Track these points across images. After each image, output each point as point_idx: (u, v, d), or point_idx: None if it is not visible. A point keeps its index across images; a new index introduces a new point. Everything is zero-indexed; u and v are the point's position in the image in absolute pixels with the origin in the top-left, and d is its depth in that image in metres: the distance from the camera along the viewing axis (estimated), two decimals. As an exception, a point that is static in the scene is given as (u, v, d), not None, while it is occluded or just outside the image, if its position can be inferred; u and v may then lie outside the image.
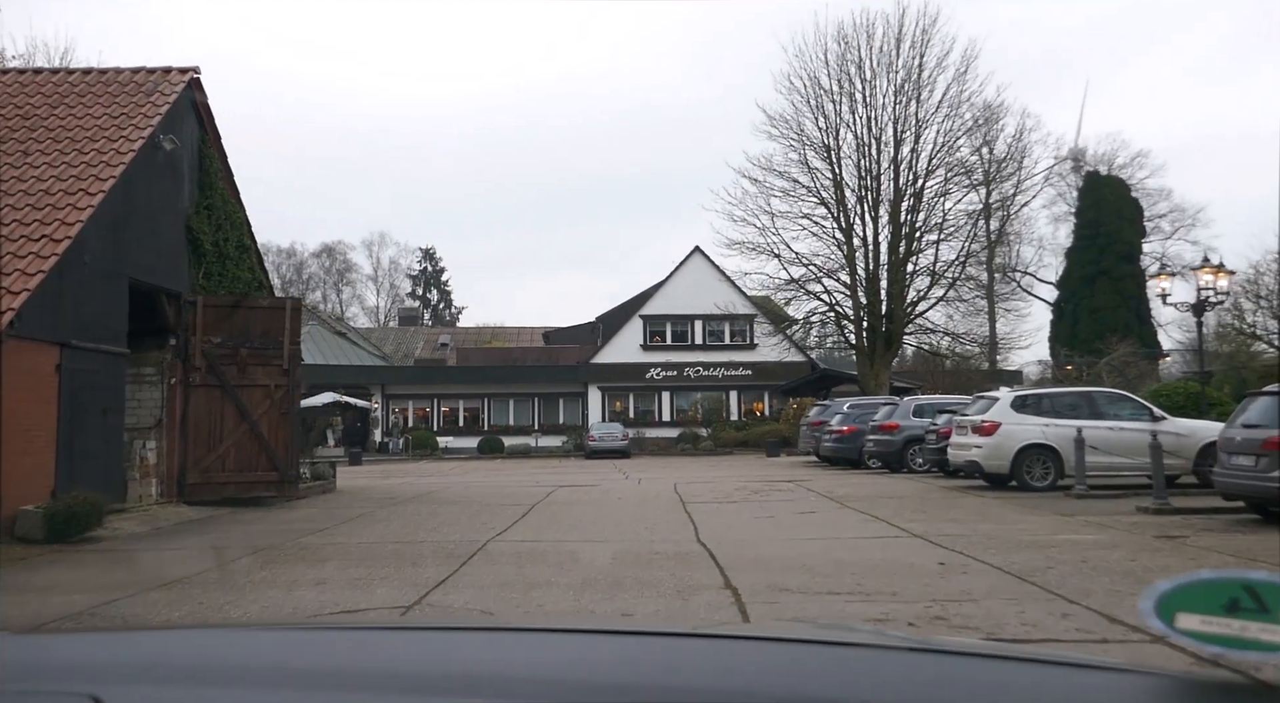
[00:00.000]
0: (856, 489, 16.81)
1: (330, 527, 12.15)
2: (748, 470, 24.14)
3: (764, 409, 44.46)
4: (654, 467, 28.15)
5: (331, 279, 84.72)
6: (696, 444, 39.47)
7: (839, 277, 33.59)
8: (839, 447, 23.42)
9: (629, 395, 43.98)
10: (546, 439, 41.93)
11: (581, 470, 26.90)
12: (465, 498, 16.78)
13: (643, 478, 21.67)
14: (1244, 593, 1.03)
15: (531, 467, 30.20)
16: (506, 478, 23.28)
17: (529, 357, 46.52)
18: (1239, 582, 1.04)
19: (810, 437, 25.79)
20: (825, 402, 27.72)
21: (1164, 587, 1.07)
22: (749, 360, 43.80)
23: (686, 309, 43.93)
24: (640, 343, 44.13)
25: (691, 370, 43.60)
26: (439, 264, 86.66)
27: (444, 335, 56.45)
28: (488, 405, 43.91)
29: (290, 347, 15.59)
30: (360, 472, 28.46)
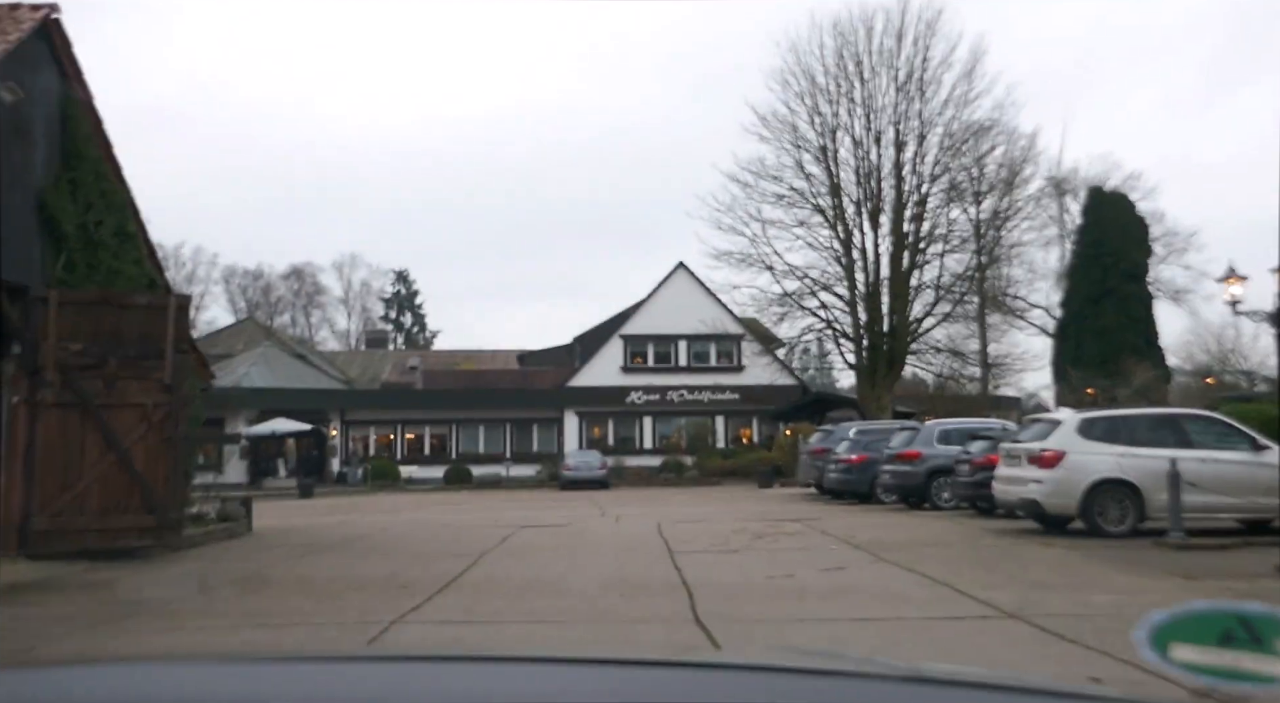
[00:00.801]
0: (882, 532, 13.60)
1: (184, 598, 8.78)
2: (742, 505, 20.88)
3: (752, 436, 41.28)
4: (635, 500, 24.87)
5: (300, 302, 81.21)
6: (681, 474, 36.18)
7: (836, 290, 30.62)
8: (847, 478, 20.23)
9: (608, 421, 40.68)
10: (519, 468, 38.50)
11: (553, 505, 23.57)
12: (401, 546, 13.44)
13: (622, 515, 18.38)
14: (1238, 625, 1.02)
15: (499, 500, 26.81)
16: (465, 515, 19.91)
17: (501, 380, 43.18)
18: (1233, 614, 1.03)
19: (811, 466, 22.59)
20: (828, 427, 24.55)
21: (1158, 618, 1.07)
22: (736, 383, 40.65)
23: (670, 329, 40.79)
24: (620, 365, 40.93)
25: (675, 394, 40.40)
26: (413, 287, 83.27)
27: (413, 358, 53.02)
28: (456, 432, 40.46)
29: (175, 356, 12.25)
30: (303, 507, 24.98)
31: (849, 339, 30.66)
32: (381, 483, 36.01)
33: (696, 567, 10.10)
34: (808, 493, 24.77)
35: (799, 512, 18.24)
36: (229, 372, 38.57)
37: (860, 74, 29.66)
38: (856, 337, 30.02)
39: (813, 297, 30.83)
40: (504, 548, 12.39)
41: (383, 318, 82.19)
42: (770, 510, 19.01)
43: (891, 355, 29.88)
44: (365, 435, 40.28)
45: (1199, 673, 1.04)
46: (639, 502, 23.78)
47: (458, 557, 11.42)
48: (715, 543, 12.61)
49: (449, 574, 9.81)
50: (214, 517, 15.04)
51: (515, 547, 12.58)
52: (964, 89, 28.97)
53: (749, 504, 21.42)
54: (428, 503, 25.60)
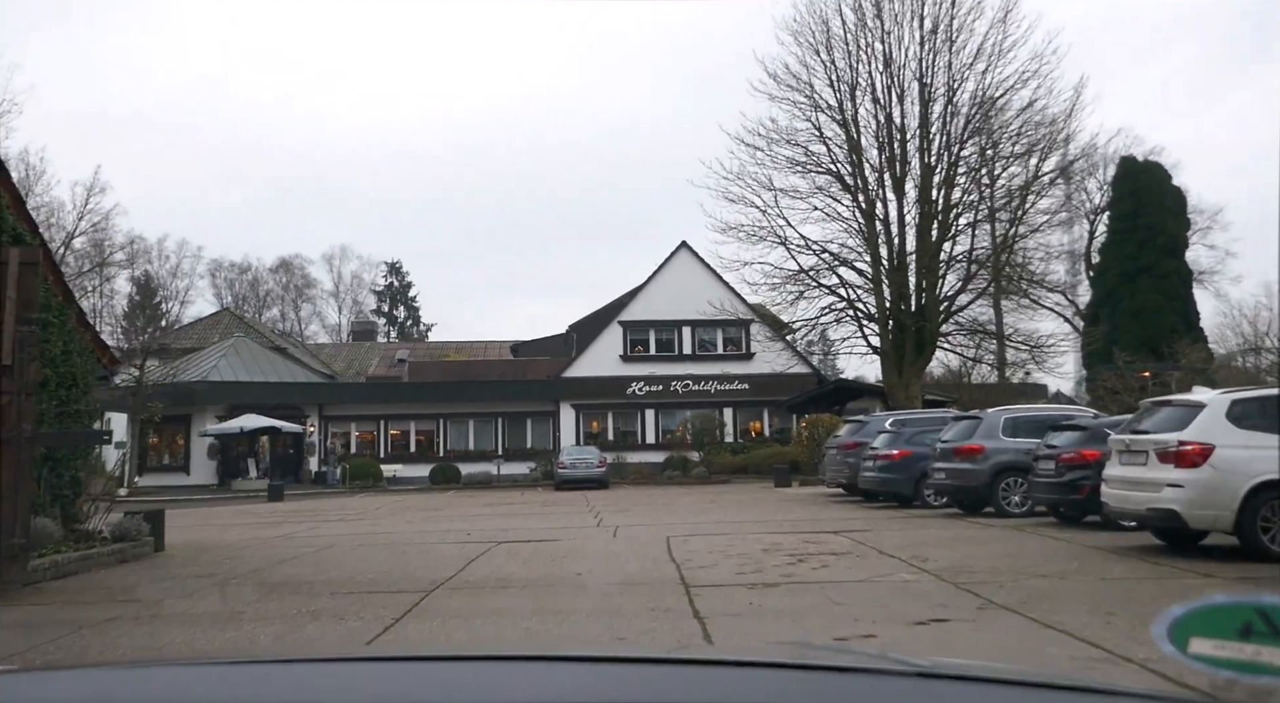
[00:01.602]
0: (958, 552, 10.36)
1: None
2: (764, 511, 17.62)
3: (763, 429, 38.05)
4: (637, 502, 21.65)
5: (290, 296, 77.92)
6: (686, 471, 32.96)
7: (857, 266, 27.36)
8: (886, 477, 16.97)
9: (607, 414, 37.44)
10: (511, 466, 35.29)
11: (543, 510, 20.35)
12: (329, 576, 10.18)
13: (621, 524, 15.14)
14: (1257, 618, 1.01)
15: (483, 504, 23.58)
16: (437, 525, 16.69)
17: (493, 371, 39.92)
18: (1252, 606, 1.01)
19: (841, 463, 19.34)
20: (860, 417, 21.25)
21: (1177, 612, 1.05)
22: (745, 372, 37.41)
23: (673, 314, 37.53)
24: (620, 354, 37.68)
25: (679, 384, 37.15)
26: (406, 279, 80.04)
27: (401, 351, 49.79)
28: (443, 428, 37.24)
29: (18, 329, 9.03)
30: (258, 514, 21.76)
31: (872, 320, 27.38)
32: (362, 484, 32.83)
33: (727, 617, 6.88)
34: (834, 494, 21.53)
35: (836, 519, 14.99)
36: (195, 365, 35.37)
37: (881, 23, 26.37)
38: (881, 317, 26.74)
39: (831, 273, 27.60)
40: (460, 581, 9.15)
41: (375, 311, 78.92)
42: (799, 517, 15.76)
43: (920, 337, 26.62)
44: (346, 432, 37.06)
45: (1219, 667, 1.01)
46: (642, 505, 20.55)
47: (393, 595, 8.23)
48: (745, 570, 9.36)
49: (364, 632, 6.61)
50: (108, 537, 11.80)
51: (476, 579, 9.33)
52: (998, 38, 25.68)
53: (771, 508, 18.17)
54: (403, 508, 22.38)
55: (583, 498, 24.08)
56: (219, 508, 24.98)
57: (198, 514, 21.88)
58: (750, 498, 21.95)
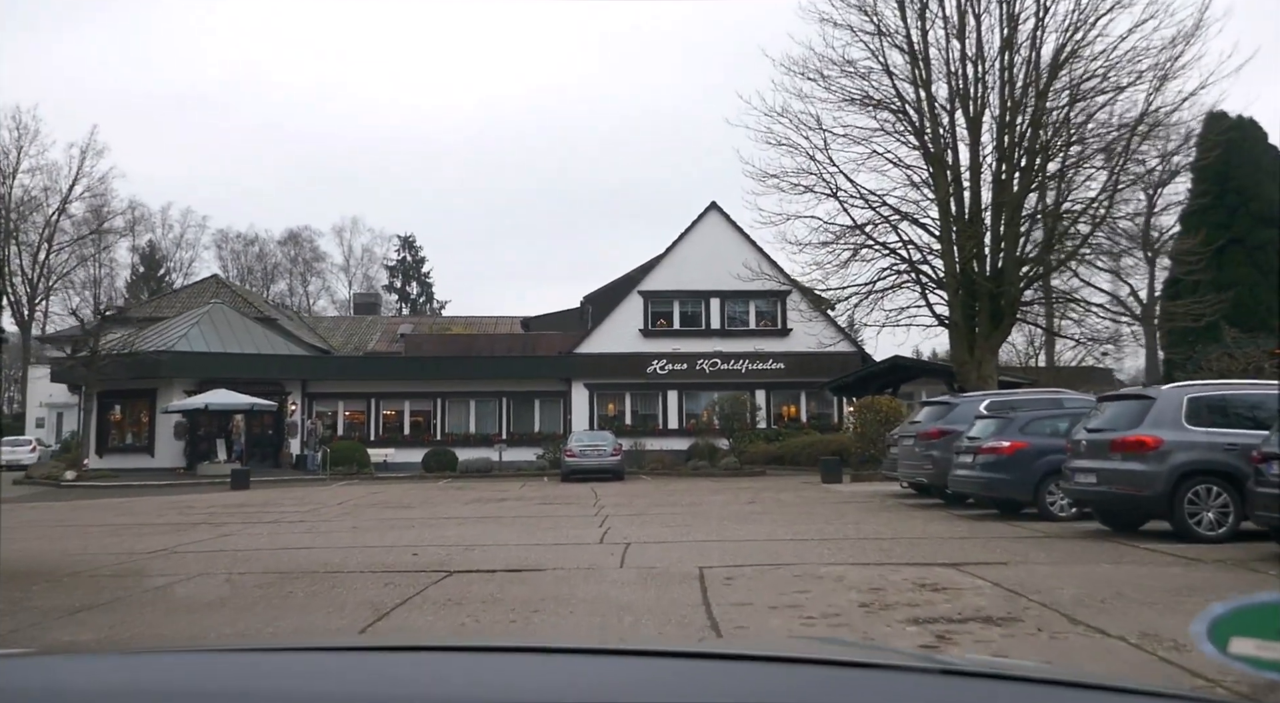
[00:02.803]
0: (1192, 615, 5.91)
1: None
2: (825, 520, 13.11)
3: (799, 412, 33.54)
4: (656, 501, 17.28)
5: (298, 269, 74.03)
6: (714, 461, 28.52)
7: (924, 219, 22.74)
8: (994, 478, 12.40)
9: (624, 395, 33.03)
10: (515, 452, 31.00)
11: (538, 511, 16.01)
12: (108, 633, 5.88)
13: (635, 541, 10.73)
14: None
15: (471, 498, 19.29)
16: (387, 534, 12.36)
17: (498, 346, 35.58)
18: None
19: (919, 456, 14.77)
20: (946, 398, 16.57)
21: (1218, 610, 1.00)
22: (781, 349, 32.88)
23: (700, 283, 33.01)
24: (640, 327, 33.23)
25: (706, 362, 32.67)
26: (419, 254, 75.92)
27: (404, 325, 45.63)
28: (441, 408, 32.97)
29: None
30: (201, 506, 17.58)
31: (940, 286, 22.75)
32: (344, 470, 28.65)
33: None
34: (903, 494, 17.05)
35: (936, 539, 10.48)
36: (161, 334, 31.29)
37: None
38: (951, 281, 22.10)
39: (891, 230, 22.97)
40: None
41: (386, 287, 74.89)
42: (880, 533, 11.28)
43: (996, 306, 21.97)
44: (333, 412, 32.89)
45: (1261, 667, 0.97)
46: (662, 506, 16.15)
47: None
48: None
49: None
50: None
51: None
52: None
53: (832, 516, 13.66)
54: (370, 504, 18.12)
55: (591, 494, 19.74)
56: (157, 498, 20.85)
57: (116, 508, 17.74)
58: (797, 497, 17.48)
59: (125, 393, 30.43)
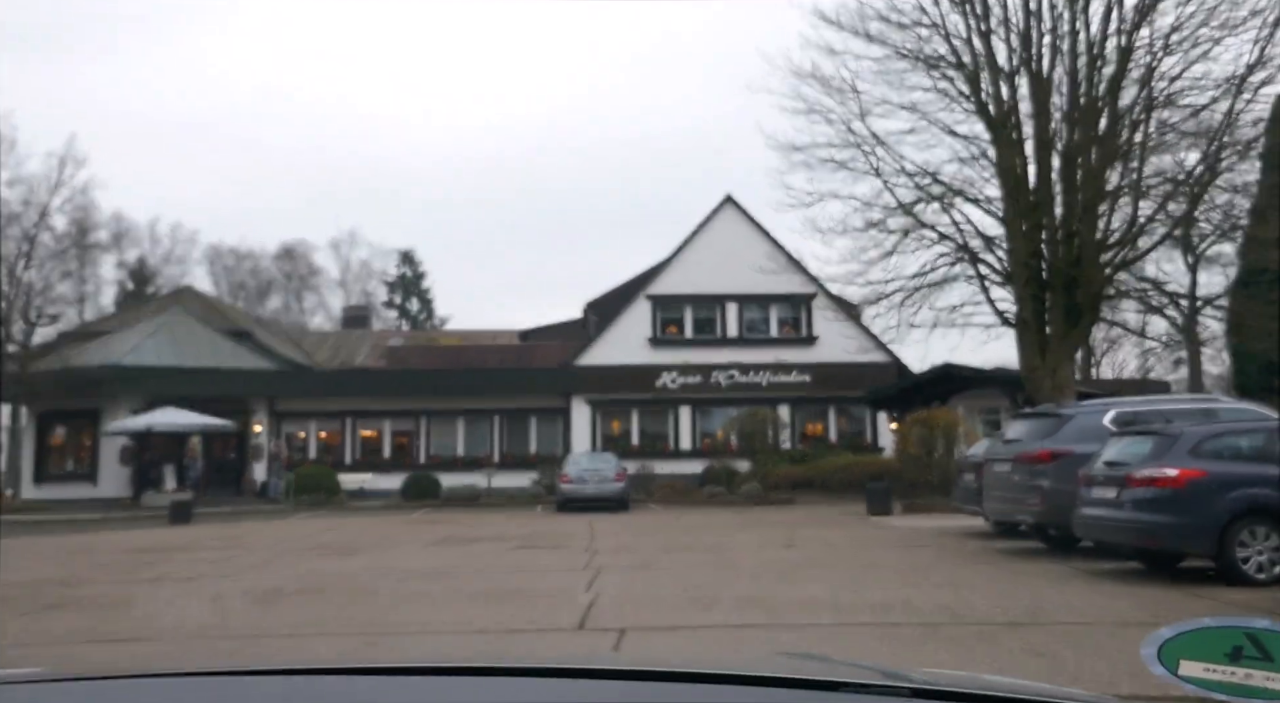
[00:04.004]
0: None
1: None
2: (903, 581, 9.14)
3: (824, 431, 29.66)
4: (668, 541, 13.43)
5: (292, 286, 70.65)
6: (733, 487, 24.64)
7: (981, 195, 18.95)
8: (1155, 521, 8.43)
9: (631, 412, 29.23)
10: (508, 477, 27.23)
11: (513, 559, 12.20)
12: None
13: (633, 622, 6.92)
14: (1247, 641, 0.99)
15: (439, 537, 15.48)
16: (296, 605, 8.57)
17: (490, 358, 31.86)
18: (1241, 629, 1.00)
19: (1019, 486, 10.84)
20: (1057, 409, 12.39)
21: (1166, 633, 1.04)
22: (807, 360, 29.06)
23: (715, 286, 29.28)
24: (648, 336, 29.48)
25: (722, 375, 28.88)
26: (419, 269, 72.47)
27: (396, 339, 41.98)
28: (425, 429, 29.22)
29: None
30: (103, 548, 13.81)
31: (1001, 276, 18.92)
32: (312, 499, 24.87)
33: None
34: (980, 531, 13.17)
35: (1110, 627, 6.66)
36: (108, 346, 27.69)
37: None
38: (1019, 271, 18.24)
39: (943, 212, 19.20)
40: None
41: (386, 303, 71.45)
42: (994, 603, 7.42)
43: (1074, 300, 18.12)
44: (303, 432, 29.19)
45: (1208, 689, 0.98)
46: (675, 550, 12.31)
47: None
48: None
49: None
50: None
51: None
52: None
53: (908, 572, 9.76)
54: (305, 549, 14.32)
55: (587, 530, 15.90)
56: (62, 538, 17.07)
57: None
58: (846, 537, 13.61)
59: (66, 414, 26.81)
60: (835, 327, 28.15)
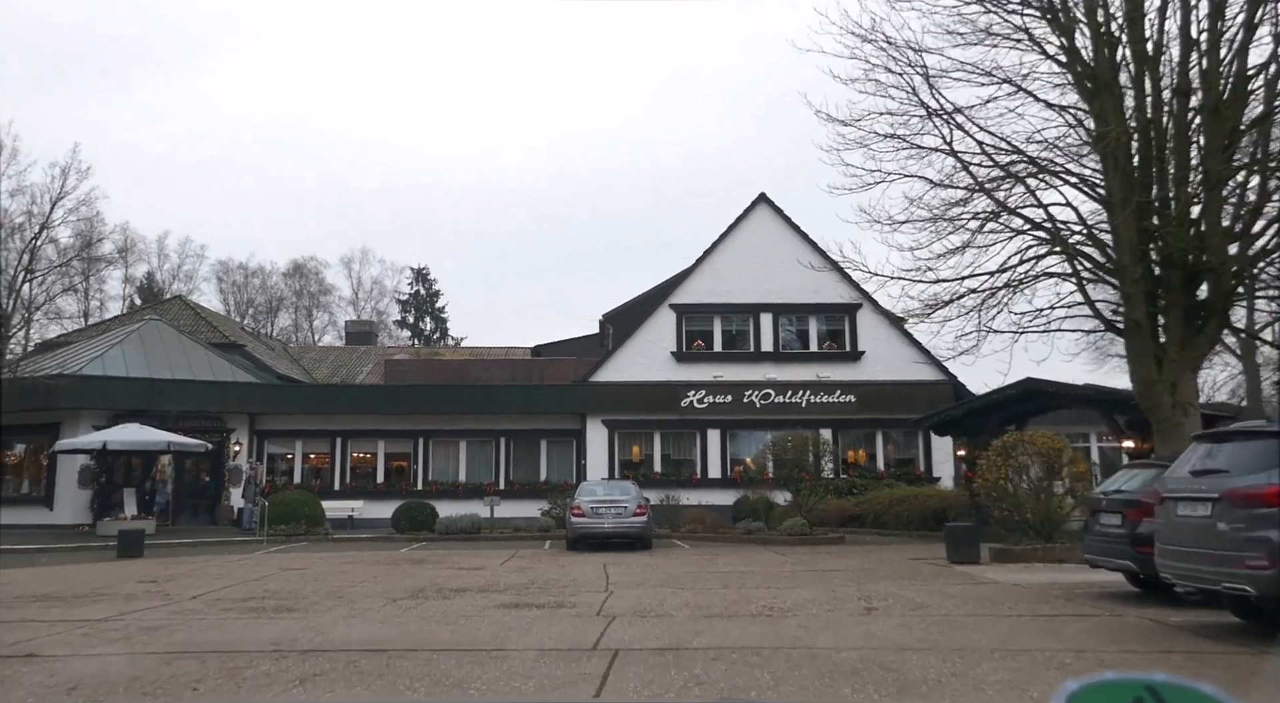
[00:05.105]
0: None
1: None
2: (1092, 671, 6.01)
3: (869, 458, 26.20)
4: (702, 600, 10.08)
5: (303, 303, 68.03)
6: (770, 521, 21.20)
7: (1078, 175, 15.62)
8: None
9: (652, 435, 25.94)
10: (515, 506, 23.96)
11: (494, 625, 8.87)
12: None
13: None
14: (1147, 694, 1.00)
15: (420, 584, 12.22)
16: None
17: (498, 374, 28.68)
18: (1142, 683, 1.01)
19: (1235, 539, 7.45)
20: (1254, 426, 8.94)
21: (1071, 687, 1.04)
22: (852, 377, 25.70)
23: (747, 294, 26.06)
24: (672, 350, 26.23)
25: (755, 394, 25.55)
26: (433, 287, 69.75)
27: (400, 354, 39.00)
28: (424, 451, 26.02)
29: None
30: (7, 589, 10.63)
31: (1102, 270, 15.52)
32: (291, 530, 21.66)
33: None
34: (1121, 592, 9.79)
35: None
36: (73, 355, 24.74)
37: None
38: (1129, 265, 14.83)
39: (1027, 191, 15.86)
40: None
41: (399, 322, 68.70)
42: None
43: (1192, 295, 14.73)
44: (290, 453, 26.06)
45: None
46: (715, 615, 8.97)
47: None
48: None
49: None
50: None
51: None
52: None
53: (1100, 662, 6.46)
54: (237, 599, 11.09)
55: (599, 578, 12.58)
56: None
57: None
58: (940, 599, 10.20)
59: (22, 429, 23.81)
60: (885, 340, 24.84)
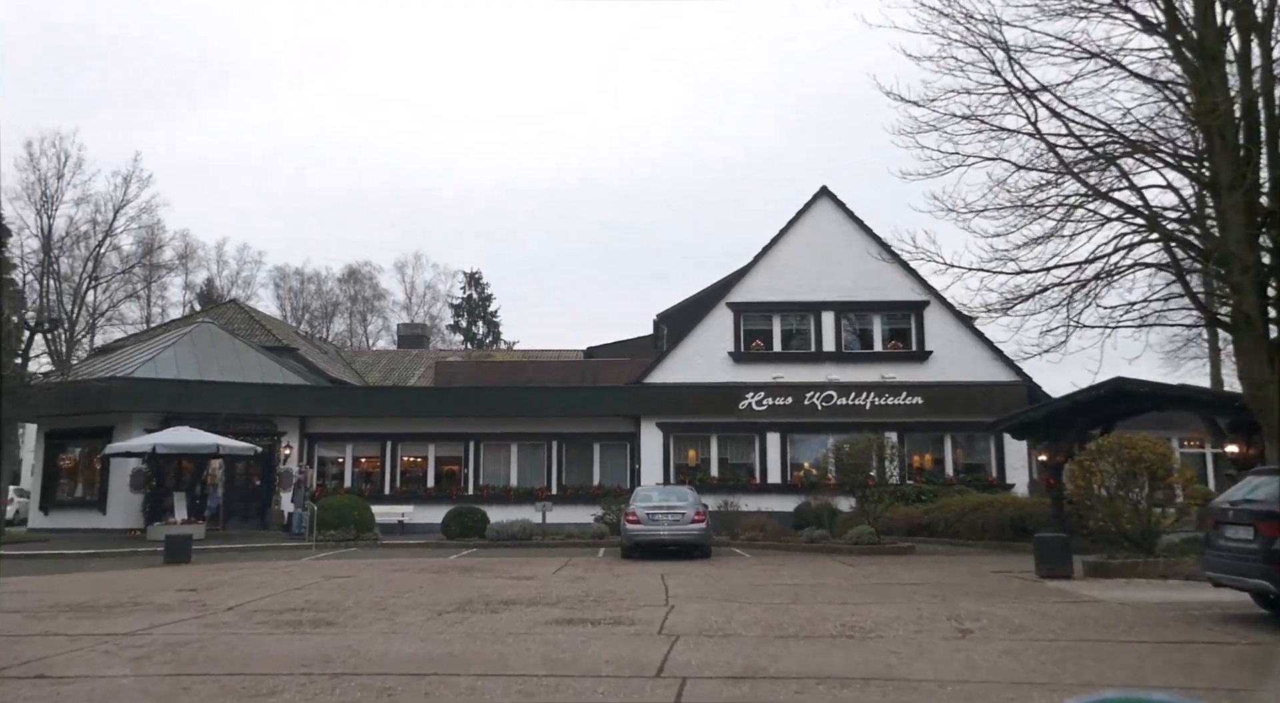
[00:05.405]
0: None
1: None
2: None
3: (933, 463, 24.89)
4: (778, 619, 9.14)
5: (358, 308, 68.47)
6: (835, 529, 20.10)
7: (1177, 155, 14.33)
8: None
9: (709, 438, 24.99)
10: (568, 511, 23.20)
11: (547, 643, 8.02)
12: None
13: None
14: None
15: (466, 595, 11.48)
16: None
17: (550, 376, 27.99)
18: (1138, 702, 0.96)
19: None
20: None
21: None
22: (919, 379, 24.46)
23: (808, 292, 25.00)
24: (729, 350, 25.26)
25: (817, 396, 24.46)
26: (486, 291, 69.64)
27: (452, 357, 38.61)
28: (475, 455, 25.42)
29: None
30: (40, 599, 10.15)
31: (1206, 258, 14.20)
32: (341, 535, 21.16)
33: None
34: (1245, 614, 8.61)
35: None
36: (126, 358, 24.64)
37: None
38: (1239, 251, 13.50)
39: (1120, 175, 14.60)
40: None
41: (451, 326, 68.75)
42: None
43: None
44: (338, 457, 25.66)
45: None
46: (789, 635, 8.02)
47: None
48: None
49: None
50: None
51: None
52: None
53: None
54: (272, 612, 10.45)
55: (658, 589, 11.71)
56: (13, 580, 13.56)
57: None
58: (1038, 619, 9.12)
59: (76, 433, 23.76)
60: (953, 340, 23.59)
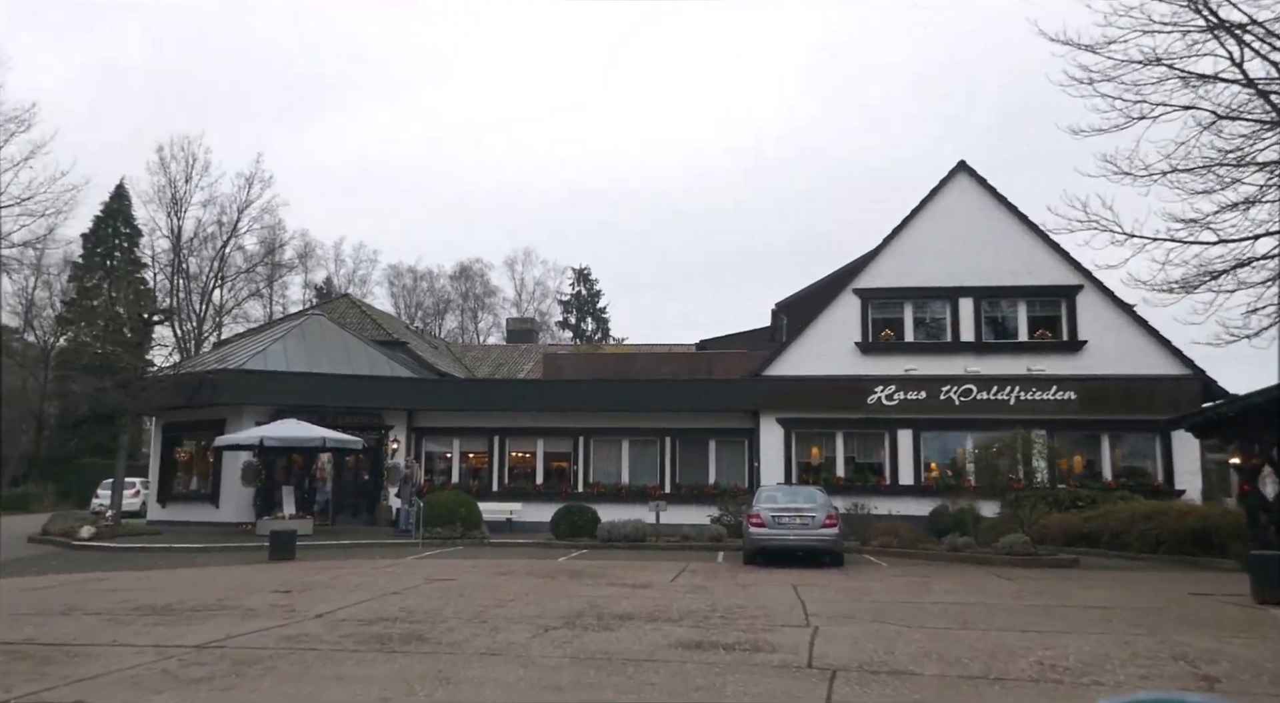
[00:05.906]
0: None
1: None
2: None
3: (1098, 466, 22.35)
4: (950, 648, 7.47)
5: (468, 305, 69.00)
6: (981, 536, 18.03)
7: None
8: None
9: (834, 436, 23.14)
10: (682, 511, 21.81)
11: (678, 671, 6.65)
12: None
13: None
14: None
15: (577, 607, 10.21)
16: None
17: (663, 368, 26.66)
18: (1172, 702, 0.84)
19: None
20: None
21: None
22: (1071, 371, 22.01)
23: (943, 277, 22.87)
24: (856, 341, 23.35)
25: (955, 391, 22.32)
26: (595, 287, 69.07)
27: (561, 350, 37.80)
28: (584, 451, 24.31)
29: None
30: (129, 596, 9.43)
31: None
32: (447, 533, 20.34)
33: None
34: None
35: None
36: (238, 351, 24.55)
37: None
38: None
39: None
40: None
41: (560, 323, 68.47)
42: None
43: None
44: (446, 452, 24.97)
45: None
46: (978, 676, 6.35)
47: None
48: None
49: None
50: None
51: None
52: None
53: None
54: (364, 622, 9.41)
55: (794, 604, 10.17)
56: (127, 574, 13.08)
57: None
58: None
59: (191, 426, 23.78)
60: (1112, 328, 21.13)
